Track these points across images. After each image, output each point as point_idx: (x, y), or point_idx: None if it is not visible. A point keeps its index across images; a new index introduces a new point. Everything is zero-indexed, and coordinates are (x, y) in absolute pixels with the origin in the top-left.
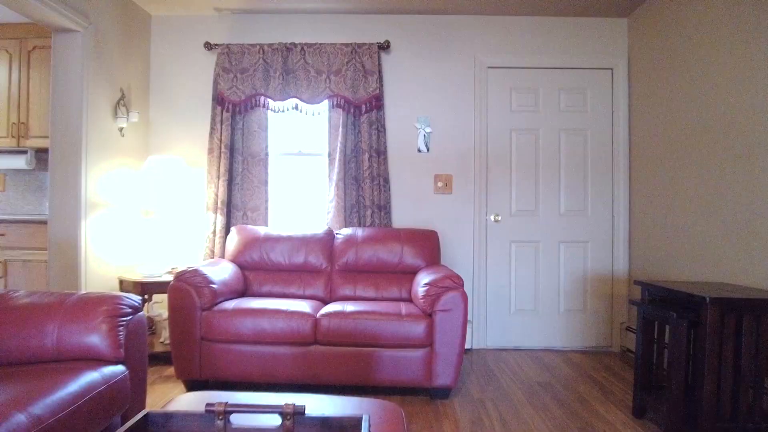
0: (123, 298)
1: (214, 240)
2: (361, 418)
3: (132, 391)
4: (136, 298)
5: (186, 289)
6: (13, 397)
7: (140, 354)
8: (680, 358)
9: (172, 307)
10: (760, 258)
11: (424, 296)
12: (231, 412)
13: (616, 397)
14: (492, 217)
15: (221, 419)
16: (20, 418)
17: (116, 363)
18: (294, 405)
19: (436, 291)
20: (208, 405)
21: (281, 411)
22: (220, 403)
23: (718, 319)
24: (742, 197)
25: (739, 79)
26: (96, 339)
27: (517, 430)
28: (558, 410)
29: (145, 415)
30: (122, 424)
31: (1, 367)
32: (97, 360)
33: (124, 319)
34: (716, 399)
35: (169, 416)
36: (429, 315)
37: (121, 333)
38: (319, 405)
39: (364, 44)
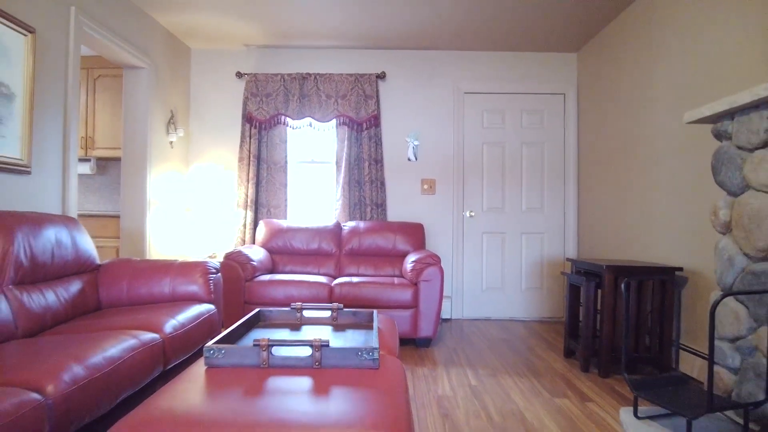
0: (209, 263)
1: (244, 231)
2: (373, 312)
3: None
4: (216, 264)
5: (234, 266)
6: (164, 316)
7: (219, 299)
8: (589, 310)
9: (224, 279)
10: (656, 241)
11: (411, 270)
12: (272, 346)
13: (555, 348)
14: (467, 213)
15: (264, 351)
16: (173, 322)
17: (209, 302)
18: (320, 339)
19: (420, 266)
20: (255, 341)
21: (311, 344)
22: (264, 339)
23: (612, 281)
24: (648, 195)
25: (646, 108)
26: (195, 287)
27: (477, 365)
28: (510, 354)
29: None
30: None
31: (142, 304)
32: (197, 300)
33: (212, 276)
34: (611, 338)
35: (237, 343)
36: (415, 284)
37: (210, 284)
38: (336, 341)
39: (365, 74)
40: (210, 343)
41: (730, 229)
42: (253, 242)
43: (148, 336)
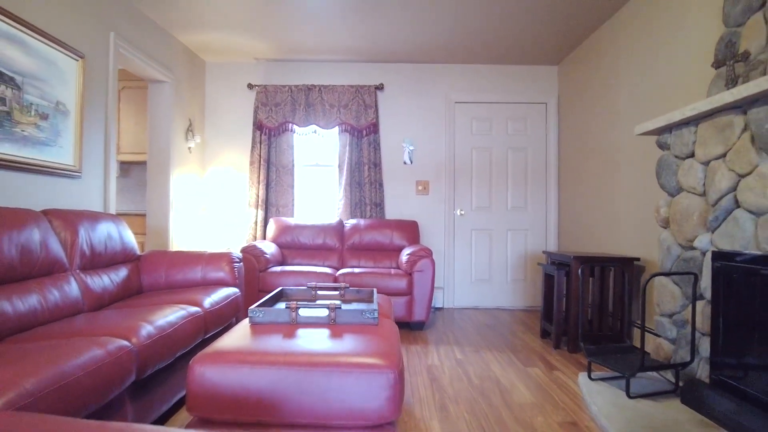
0: (233, 253)
1: (255, 228)
2: (373, 291)
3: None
4: (239, 255)
5: (249, 258)
6: (201, 294)
7: (242, 284)
8: (560, 295)
9: None
10: (620, 235)
11: (406, 262)
12: (299, 308)
13: (533, 330)
14: (458, 212)
15: (294, 312)
16: (209, 300)
17: (234, 286)
18: (335, 303)
19: (414, 258)
20: (287, 304)
21: (328, 306)
22: (293, 302)
23: (579, 269)
24: (613, 196)
25: (612, 118)
26: (222, 274)
27: (463, 343)
28: (493, 336)
29: (275, 297)
30: (235, 324)
31: (178, 288)
32: (225, 284)
33: (236, 264)
34: (578, 319)
35: (271, 307)
36: (409, 274)
37: (235, 270)
38: (345, 308)
39: (365, 86)
40: (253, 306)
41: (668, 224)
42: (264, 238)
43: (193, 309)
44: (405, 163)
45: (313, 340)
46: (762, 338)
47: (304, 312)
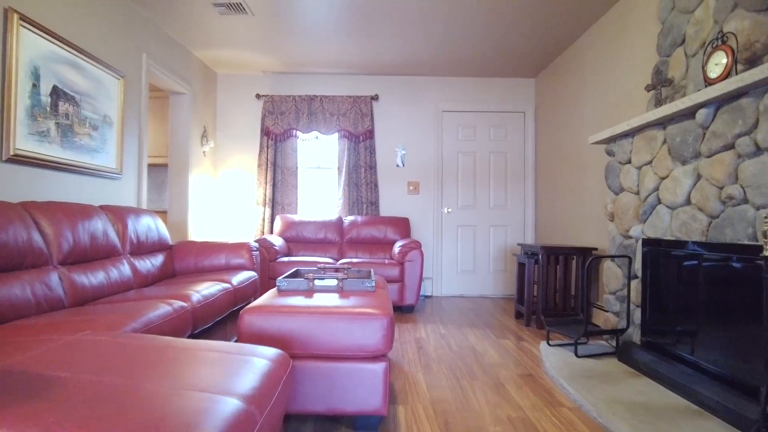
0: (251, 243)
1: (263, 224)
2: (371, 271)
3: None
4: (255, 244)
5: (261, 249)
6: (228, 275)
7: (259, 269)
8: (530, 281)
9: None
10: (584, 229)
11: (398, 253)
12: (315, 279)
13: (510, 313)
14: (445, 210)
15: (311, 282)
16: (236, 279)
17: (253, 270)
18: (342, 275)
19: (405, 250)
20: (306, 278)
21: (337, 278)
22: (311, 274)
23: (545, 259)
24: (578, 195)
25: (579, 127)
26: (243, 260)
27: (448, 322)
28: (474, 317)
29: (293, 272)
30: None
31: (206, 272)
32: (245, 269)
33: (254, 251)
34: (545, 301)
35: (292, 278)
36: (401, 264)
37: (254, 257)
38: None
39: (362, 96)
40: (280, 278)
41: (613, 218)
42: (271, 233)
43: (225, 285)
44: (398, 165)
45: (327, 300)
46: (675, 307)
47: (318, 282)
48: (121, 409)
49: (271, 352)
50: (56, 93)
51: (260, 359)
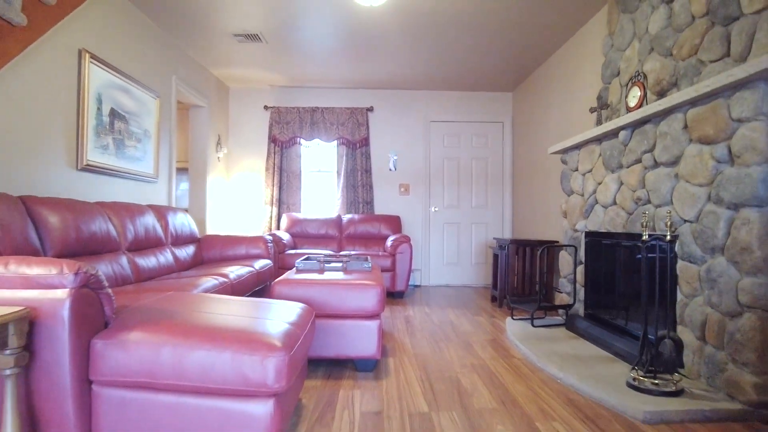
0: (265, 236)
1: (270, 222)
2: (368, 256)
3: (274, 272)
4: (270, 237)
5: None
6: (250, 261)
7: (273, 258)
8: (502, 269)
9: None
10: (549, 225)
11: (390, 246)
12: (325, 262)
13: (486, 298)
14: (432, 209)
15: (322, 263)
16: (257, 264)
17: (268, 259)
18: (345, 259)
19: (396, 243)
20: (317, 260)
21: (341, 260)
22: (321, 259)
23: (514, 250)
24: (545, 196)
25: (545, 137)
26: (260, 250)
27: (432, 305)
28: (456, 301)
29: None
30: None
31: (230, 260)
32: (262, 257)
33: (269, 243)
34: (515, 286)
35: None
36: (393, 255)
37: (269, 248)
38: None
39: (358, 107)
40: (299, 260)
41: (566, 215)
42: (278, 229)
43: (250, 268)
44: (390, 169)
45: (335, 275)
46: (605, 283)
47: (327, 264)
48: (223, 324)
49: (301, 305)
50: (113, 114)
51: (295, 307)
